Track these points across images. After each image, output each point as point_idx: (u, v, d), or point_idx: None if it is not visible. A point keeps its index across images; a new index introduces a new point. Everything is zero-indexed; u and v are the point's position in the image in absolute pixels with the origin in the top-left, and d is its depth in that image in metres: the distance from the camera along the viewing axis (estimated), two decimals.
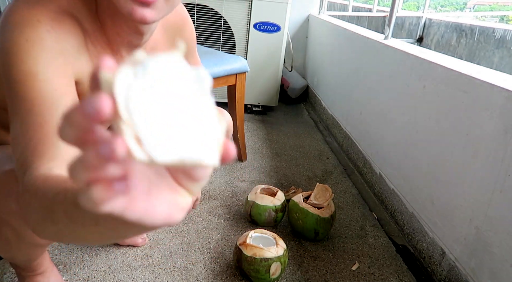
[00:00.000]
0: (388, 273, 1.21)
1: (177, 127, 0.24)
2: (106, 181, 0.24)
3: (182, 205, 0.30)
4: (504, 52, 2.16)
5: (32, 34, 0.58)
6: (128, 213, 0.26)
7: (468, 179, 1.06)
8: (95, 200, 0.24)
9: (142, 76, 0.23)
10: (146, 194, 0.28)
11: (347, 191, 1.71)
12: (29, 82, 0.56)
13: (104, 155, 0.22)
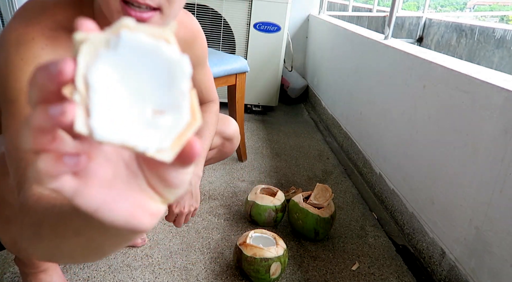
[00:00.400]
0: (388, 273, 1.21)
1: (134, 111, 0.23)
2: (56, 153, 0.23)
3: (152, 210, 0.28)
4: (504, 52, 2.16)
5: (27, 52, 0.58)
6: (80, 198, 0.25)
7: (468, 179, 1.06)
8: (42, 170, 0.22)
9: (114, 47, 0.22)
10: (107, 186, 0.26)
11: (347, 191, 1.71)
12: (23, 100, 0.56)
13: (52, 115, 0.21)
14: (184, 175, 0.27)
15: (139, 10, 0.56)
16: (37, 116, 0.22)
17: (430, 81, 1.27)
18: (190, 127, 0.24)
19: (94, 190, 0.25)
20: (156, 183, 0.28)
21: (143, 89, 0.23)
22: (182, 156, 0.25)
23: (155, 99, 0.23)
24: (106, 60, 0.21)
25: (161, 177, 0.27)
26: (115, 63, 0.22)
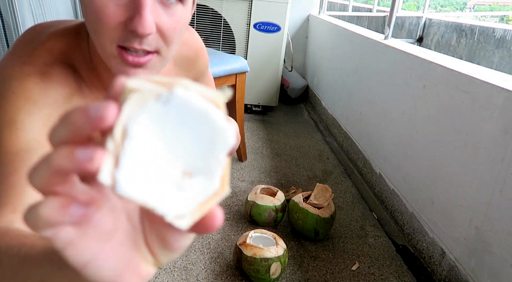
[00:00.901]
0: (388, 273, 1.21)
1: (165, 170, 0.22)
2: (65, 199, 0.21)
3: (142, 273, 0.25)
4: (504, 52, 2.16)
5: (20, 86, 0.57)
6: (72, 250, 0.22)
7: (468, 179, 1.06)
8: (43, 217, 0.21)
9: (164, 103, 0.21)
10: (103, 239, 0.24)
11: (347, 191, 1.71)
12: (6, 131, 0.54)
13: (79, 159, 0.20)
14: (186, 240, 0.26)
15: (136, 55, 0.54)
16: (61, 156, 0.20)
17: (430, 81, 1.27)
18: (216, 196, 0.23)
19: (89, 244, 0.23)
20: (154, 243, 0.26)
21: (180, 149, 0.22)
22: (200, 226, 0.24)
23: (189, 161, 0.22)
24: (152, 113, 0.21)
25: (162, 238, 0.25)
26: (160, 118, 0.21)
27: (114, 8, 0.50)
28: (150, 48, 0.54)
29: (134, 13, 0.49)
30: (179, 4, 0.53)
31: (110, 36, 0.52)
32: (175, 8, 0.53)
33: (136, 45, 0.52)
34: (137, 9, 0.49)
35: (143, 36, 0.51)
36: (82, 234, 0.22)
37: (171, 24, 0.53)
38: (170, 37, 0.54)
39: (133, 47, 0.53)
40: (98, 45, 0.56)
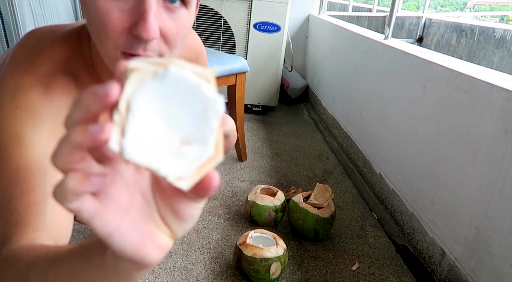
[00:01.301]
0: (388, 273, 1.21)
1: (165, 138, 0.25)
2: (85, 172, 0.24)
3: (160, 243, 0.28)
4: (504, 52, 2.16)
5: (23, 100, 0.56)
6: (96, 221, 0.25)
7: (468, 179, 1.06)
8: (69, 188, 0.24)
9: (160, 79, 0.24)
10: (123, 212, 0.27)
11: (347, 191, 1.71)
12: (15, 148, 0.54)
13: (92, 132, 0.23)
14: (195, 209, 0.29)
15: None
16: (76, 133, 0.24)
17: (430, 81, 1.27)
18: (211, 160, 0.26)
19: (111, 215, 0.26)
20: (167, 215, 0.29)
21: (177, 120, 0.25)
22: (199, 187, 0.27)
23: (185, 131, 0.25)
24: (151, 89, 0.24)
25: (173, 209, 0.28)
26: (158, 93, 0.24)
27: (118, 13, 0.50)
28: (153, 53, 0.54)
29: (139, 18, 0.49)
30: (183, 8, 0.53)
31: (114, 42, 0.52)
32: (179, 12, 0.53)
33: (140, 52, 0.52)
34: (141, 14, 0.48)
35: (147, 41, 0.51)
36: (103, 206, 0.26)
37: (175, 28, 0.53)
38: (173, 42, 0.54)
39: (138, 53, 0.52)
40: (101, 50, 0.55)
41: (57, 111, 0.58)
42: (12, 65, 0.59)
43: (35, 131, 0.56)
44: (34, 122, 0.56)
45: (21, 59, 0.60)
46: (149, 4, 0.48)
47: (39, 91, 0.57)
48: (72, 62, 0.62)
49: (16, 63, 0.59)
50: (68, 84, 0.61)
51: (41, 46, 0.61)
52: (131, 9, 0.49)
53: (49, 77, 0.59)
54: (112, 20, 0.50)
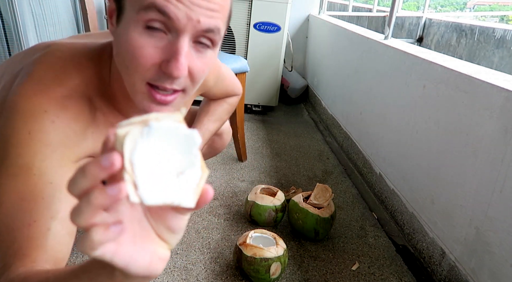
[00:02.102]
0: (388, 273, 1.21)
1: (166, 177, 0.31)
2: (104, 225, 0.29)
3: (162, 256, 0.35)
4: (504, 52, 2.16)
5: (35, 126, 0.56)
6: (116, 258, 0.31)
7: (468, 179, 1.06)
8: (96, 241, 0.29)
9: (147, 135, 0.30)
10: (132, 243, 0.32)
11: (347, 191, 1.71)
12: (23, 177, 0.54)
13: (112, 195, 0.28)
14: (184, 221, 0.35)
15: (164, 93, 0.57)
16: (98, 196, 0.28)
17: (430, 81, 1.27)
18: (202, 178, 0.33)
19: (125, 249, 0.31)
20: (163, 231, 0.35)
21: (168, 159, 0.31)
22: (200, 201, 0.33)
23: (177, 164, 0.32)
24: (143, 144, 0.30)
25: (167, 225, 0.34)
26: (149, 145, 0.30)
27: (152, 50, 0.53)
28: (178, 88, 0.57)
29: (171, 57, 0.52)
30: (210, 49, 0.56)
31: (142, 75, 0.55)
32: (206, 52, 0.56)
33: (167, 85, 0.55)
34: (174, 54, 0.52)
35: (176, 78, 0.54)
36: (119, 244, 0.31)
37: (201, 67, 0.56)
38: (198, 79, 0.58)
39: (164, 86, 0.55)
40: (127, 80, 0.57)
41: (67, 139, 0.59)
42: (30, 84, 0.59)
43: (44, 161, 0.56)
44: (44, 151, 0.56)
45: (39, 78, 0.59)
46: (182, 45, 0.52)
47: (53, 116, 0.58)
48: (90, 85, 0.63)
49: (34, 82, 0.59)
50: (82, 109, 0.62)
51: (61, 67, 0.61)
52: (164, 47, 0.53)
53: (65, 99, 0.59)
54: (144, 55, 0.53)
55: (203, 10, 0.52)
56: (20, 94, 0.57)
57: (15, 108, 0.57)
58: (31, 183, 0.54)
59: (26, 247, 0.51)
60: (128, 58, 0.54)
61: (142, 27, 0.52)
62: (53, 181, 0.56)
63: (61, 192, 0.56)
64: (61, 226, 0.55)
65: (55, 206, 0.55)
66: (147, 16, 0.51)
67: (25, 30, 1.61)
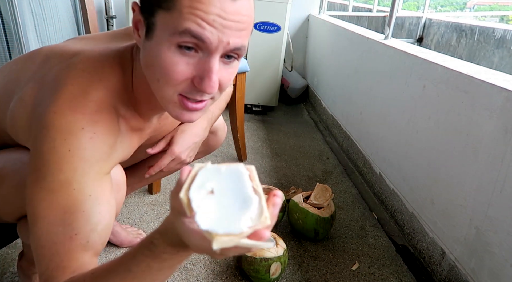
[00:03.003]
0: (388, 273, 1.21)
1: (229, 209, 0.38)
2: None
3: None
4: (504, 52, 2.16)
5: (75, 144, 0.59)
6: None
7: (468, 179, 1.06)
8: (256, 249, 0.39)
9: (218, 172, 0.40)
10: None
11: (347, 191, 1.71)
12: (64, 192, 0.57)
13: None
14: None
15: (195, 102, 0.60)
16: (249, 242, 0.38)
17: (430, 81, 1.27)
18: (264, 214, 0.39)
19: None
20: None
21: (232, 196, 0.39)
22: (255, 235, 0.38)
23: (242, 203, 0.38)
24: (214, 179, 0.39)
25: None
26: (218, 181, 0.39)
27: (184, 66, 0.56)
28: (208, 98, 0.61)
29: (204, 74, 0.56)
30: (236, 61, 0.60)
31: (174, 88, 0.58)
32: (232, 64, 0.60)
33: (198, 97, 0.59)
34: (206, 72, 0.56)
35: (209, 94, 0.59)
36: None
37: (228, 77, 0.60)
38: (225, 87, 0.61)
39: (195, 98, 0.60)
40: (157, 91, 0.61)
41: (103, 153, 0.62)
42: (62, 101, 0.60)
43: (83, 177, 0.59)
44: (83, 167, 0.59)
45: (70, 95, 0.61)
46: (214, 64, 0.55)
47: (90, 133, 0.60)
48: (114, 94, 0.65)
49: (66, 99, 0.61)
50: (112, 122, 0.64)
51: (88, 80, 0.63)
52: (196, 63, 0.56)
53: (97, 114, 0.62)
54: (177, 71, 0.56)
55: (233, 31, 0.55)
56: (55, 112, 0.59)
57: (53, 126, 0.59)
58: (72, 197, 0.57)
59: (66, 260, 0.55)
60: (161, 73, 0.57)
61: (175, 46, 0.55)
62: (92, 195, 0.59)
63: (99, 204, 0.59)
64: (98, 237, 0.59)
65: (95, 218, 0.58)
66: (181, 39, 0.54)
67: (25, 30, 1.61)
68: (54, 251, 0.55)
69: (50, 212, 0.56)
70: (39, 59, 0.72)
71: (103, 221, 0.60)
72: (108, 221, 0.61)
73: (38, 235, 0.56)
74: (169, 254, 0.47)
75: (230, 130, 1.87)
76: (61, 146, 0.58)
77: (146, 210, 1.38)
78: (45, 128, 0.59)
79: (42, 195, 0.57)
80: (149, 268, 0.49)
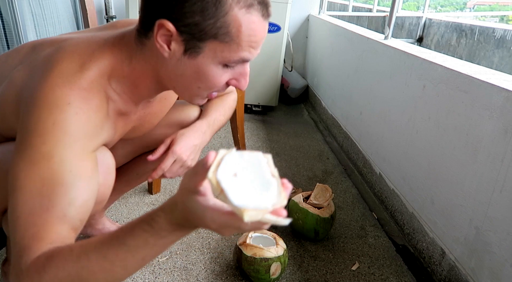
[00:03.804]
0: (388, 273, 1.21)
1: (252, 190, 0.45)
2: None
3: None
4: (504, 52, 2.16)
5: (60, 117, 0.60)
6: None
7: (468, 179, 1.06)
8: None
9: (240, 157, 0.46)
10: None
11: (347, 191, 1.71)
12: (44, 164, 0.57)
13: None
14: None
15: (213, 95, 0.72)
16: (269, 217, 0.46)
17: (430, 81, 1.27)
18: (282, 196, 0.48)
19: None
20: None
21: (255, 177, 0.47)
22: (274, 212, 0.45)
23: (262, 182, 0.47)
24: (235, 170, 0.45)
25: None
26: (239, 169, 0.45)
27: (227, 76, 0.67)
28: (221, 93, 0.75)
29: (240, 77, 0.68)
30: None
31: (211, 90, 0.69)
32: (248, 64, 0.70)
33: (221, 91, 0.71)
34: (244, 75, 0.68)
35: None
36: None
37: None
38: None
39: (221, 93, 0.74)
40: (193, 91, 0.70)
41: (88, 130, 0.63)
42: (53, 77, 0.62)
43: (65, 150, 0.60)
44: (66, 141, 0.60)
45: (61, 71, 0.63)
46: (248, 69, 0.69)
47: (76, 108, 0.62)
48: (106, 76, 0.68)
49: (56, 75, 0.62)
50: (101, 102, 0.66)
51: (80, 59, 0.65)
52: (234, 71, 0.67)
53: (86, 92, 0.64)
54: (221, 82, 0.67)
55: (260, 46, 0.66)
56: (44, 86, 0.61)
57: (40, 99, 0.60)
58: (52, 170, 0.58)
59: (43, 231, 0.55)
60: (206, 83, 0.67)
61: (222, 65, 0.65)
62: (72, 170, 0.59)
63: (79, 180, 0.60)
64: (76, 212, 0.59)
65: (73, 193, 0.58)
66: (232, 63, 0.65)
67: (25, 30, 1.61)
68: (30, 222, 0.55)
69: (28, 183, 0.56)
70: (26, 49, 0.74)
71: (82, 197, 0.60)
72: (87, 197, 0.61)
73: (15, 205, 0.56)
74: (167, 232, 0.51)
75: (230, 130, 1.87)
76: (46, 119, 0.59)
77: (146, 210, 1.38)
78: (33, 102, 0.60)
79: (23, 166, 0.57)
80: (145, 243, 0.51)
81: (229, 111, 1.07)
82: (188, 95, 0.71)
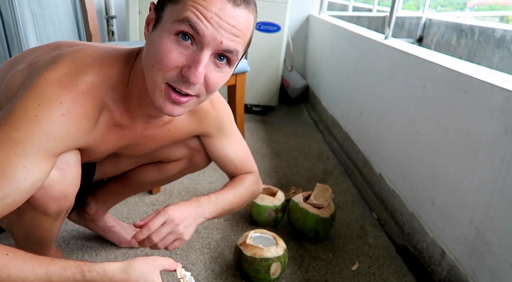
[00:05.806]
0: (388, 273, 1.21)
1: None
2: None
3: None
4: (504, 52, 2.16)
5: (45, 113, 0.61)
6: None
7: (468, 179, 1.06)
8: None
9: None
10: None
11: (347, 191, 1.71)
12: (4, 148, 0.58)
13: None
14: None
15: (179, 94, 0.64)
16: None
17: (430, 81, 1.27)
18: None
19: None
20: None
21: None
22: None
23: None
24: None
25: None
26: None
27: (177, 55, 0.61)
28: (193, 93, 0.65)
29: (192, 64, 0.61)
30: (227, 66, 0.65)
31: (164, 74, 0.62)
32: (223, 68, 0.65)
33: (183, 89, 0.63)
34: (195, 62, 0.60)
35: (192, 84, 0.62)
36: None
37: (216, 79, 0.65)
38: (212, 88, 0.66)
39: (180, 89, 0.63)
40: (149, 77, 0.65)
41: (66, 134, 0.64)
42: (57, 72, 0.64)
43: (33, 145, 0.60)
44: (40, 137, 0.61)
45: (66, 69, 0.65)
46: (203, 57, 0.61)
47: (65, 110, 0.63)
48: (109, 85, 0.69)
49: (61, 72, 0.64)
50: (93, 109, 0.67)
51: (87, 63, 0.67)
52: (188, 55, 0.61)
53: (82, 96, 0.65)
54: (170, 58, 0.61)
55: (227, 34, 0.60)
56: (46, 79, 0.63)
57: (36, 89, 0.61)
58: (8, 158, 0.58)
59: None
60: (156, 58, 0.61)
61: (173, 34, 0.60)
62: (26, 166, 0.60)
63: (24, 180, 0.60)
64: (8, 208, 0.60)
65: (10, 189, 0.59)
66: (180, 27, 0.60)
67: (25, 30, 1.61)
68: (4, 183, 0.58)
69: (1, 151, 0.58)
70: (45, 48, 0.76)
71: (13, 197, 0.60)
72: (18, 199, 0.62)
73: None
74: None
75: None
76: (32, 109, 0.60)
77: (146, 210, 1.38)
78: (29, 88, 0.62)
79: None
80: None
81: (243, 190, 0.96)
82: (150, 86, 0.66)
